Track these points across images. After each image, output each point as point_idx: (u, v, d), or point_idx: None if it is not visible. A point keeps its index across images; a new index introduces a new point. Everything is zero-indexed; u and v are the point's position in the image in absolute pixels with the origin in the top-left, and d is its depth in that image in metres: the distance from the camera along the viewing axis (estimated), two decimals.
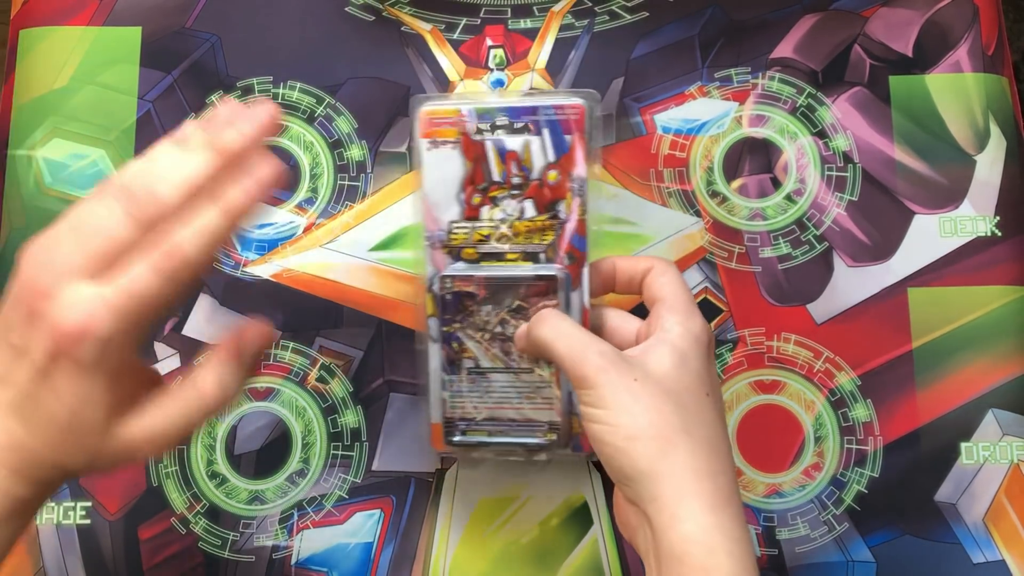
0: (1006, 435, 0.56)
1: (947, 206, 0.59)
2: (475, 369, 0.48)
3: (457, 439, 0.49)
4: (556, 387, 0.47)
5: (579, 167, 0.47)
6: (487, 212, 0.48)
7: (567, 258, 0.47)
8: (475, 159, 0.48)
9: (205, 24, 0.61)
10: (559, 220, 0.47)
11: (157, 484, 0.55)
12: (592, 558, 0.54)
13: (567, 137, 0.47)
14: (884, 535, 0.55)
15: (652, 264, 0.46)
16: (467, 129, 0.48)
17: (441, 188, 0.48)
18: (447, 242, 0.48)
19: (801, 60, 0.60)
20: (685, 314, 0.44)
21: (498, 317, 0.47)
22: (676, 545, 0.39)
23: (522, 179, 0.48)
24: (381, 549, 0.54)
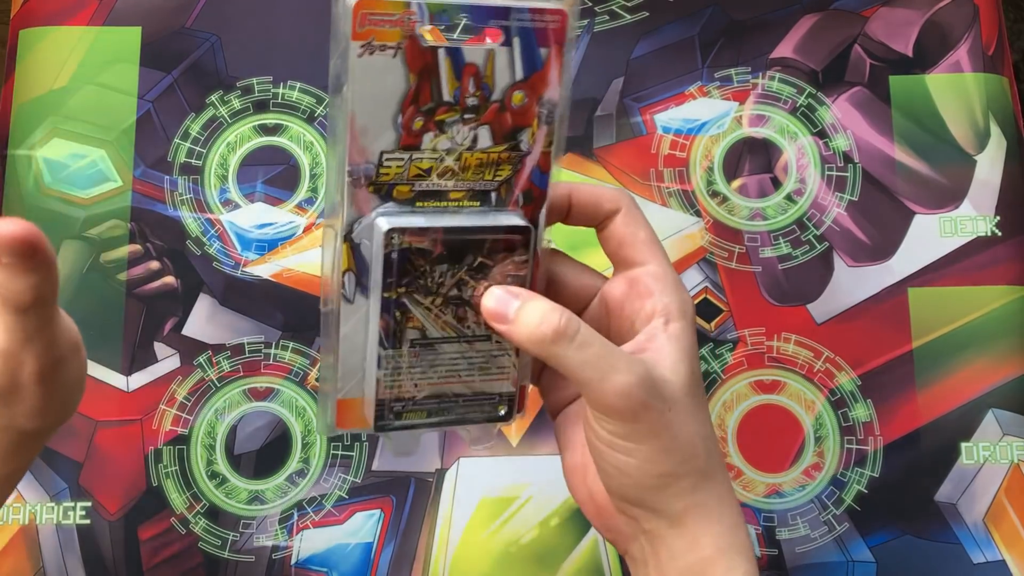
0: (1006, 435, 0.56)
1: (947, 206, 0.59)
2: (420, 341, 0.39)
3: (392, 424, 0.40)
4: (515, 355, 0.40)
5: (552, 88, 0.38)
6: (430, 140, 0.37)
7: (523, 197, 0.39)
8: (421, 72, 0.37)
9: (205, 24, 0.61)
10: (520, 152, 0.38)
11: (157, 484, 0.55)
12: (592, 558, 0.54)
13: (542, 50, 0.38)
14: (884, 535, 0.55)
15: (618, 205, 0.40)
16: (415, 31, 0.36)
17: (373, 107, 0.36)
18: (375, 178, 0.37)
19: (801, 60, 0.60)
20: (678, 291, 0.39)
21: (455, 279, 0.39)
22: (694, 567, 0.37)
23: (479, 100, 0.37)
24: (381, 549, 0.54)
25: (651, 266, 0.39)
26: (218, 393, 0.56)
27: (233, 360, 0.57)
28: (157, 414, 0.56)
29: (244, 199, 0.58)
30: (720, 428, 0.56)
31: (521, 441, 0.56)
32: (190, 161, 0.59)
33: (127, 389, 0.56)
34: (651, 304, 0.39)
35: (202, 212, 0.58)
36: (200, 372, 0.56)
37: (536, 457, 0.55)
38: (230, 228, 0.58)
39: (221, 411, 0.56)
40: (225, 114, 0.59)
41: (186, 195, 0.58)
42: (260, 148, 0.59)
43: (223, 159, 0.59)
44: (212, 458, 0.55)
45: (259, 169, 0.59)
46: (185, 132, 0.59)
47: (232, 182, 0.59)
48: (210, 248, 0.58)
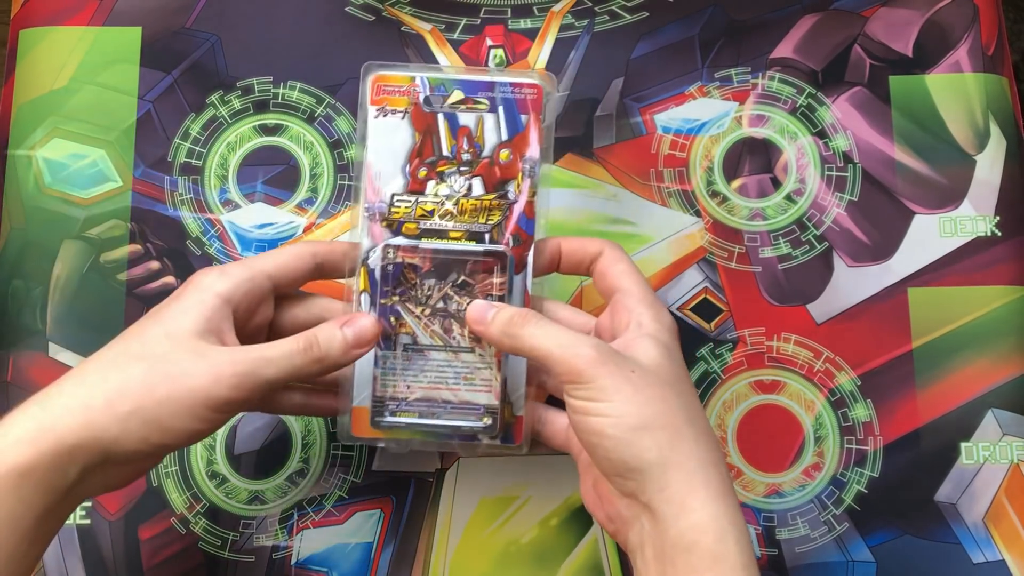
0: (1006, 435, 0.56)
1: (947, 206, 0.59)
2: (412, 346, 0.46)
3: (386, 420, 0.46)
4: (496, 369, 0.46)
5: (532, 148, 0.46)
6: (433, 187, 0.46)
7: (513, 240, 0.46)
8: (424, 131, 0.46)
9: (205, 24, 0.61)
10: (507, 200, 0.46)
11: (157, 484, 0.55)
12: (592, 558, 0.54)
13: (522, 116, 0.46)
14: (884, 535, 0.55)
15: (602, 248, 0.46)
16: (418, 99, 0.46)
17: (386, 158, 0.46)
18: (387, 215, 0.46)
19: (801, 60, 0.60)
20: (655, 307, 0.44)
21: (441, 292, 0.46)
22: (685, 534, 0.39)
23: (472, 155, 0.46)
24: (381, 549, 0.54)
25: (627, 289, 0.44)
26: None
27: None
28: None
29: (244, 199, 0.58)
30: (720, 428, 0.56)
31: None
32: (190, 161, 0.59)
33: None
34: (626, 317, 0.44)
35: (202, 212, 0.58)
36: None
37: (536, 457, 0.55)
38: (230, 228, 0.58)
39: None
40: (225, 114, 0.59)
41: (186, 195, 0.58)
42: (260, 148, 0.59)
43: (223, 159, 0.59)
44: (212, 458, 0.55)
45: (259, 169, 0.59)
46: (185, 132, 0.59)
47: (232, 182, 0.59)
48: (210, 248, 0.58)
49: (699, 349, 0.57)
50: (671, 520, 0.39)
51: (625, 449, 0.40)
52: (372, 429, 0.47)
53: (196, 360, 0.40)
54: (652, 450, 0.39)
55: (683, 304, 0.57)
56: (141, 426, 0.39)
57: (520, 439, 0.47)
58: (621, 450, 0.40)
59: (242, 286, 0.44)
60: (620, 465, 0.40)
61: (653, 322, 0.43)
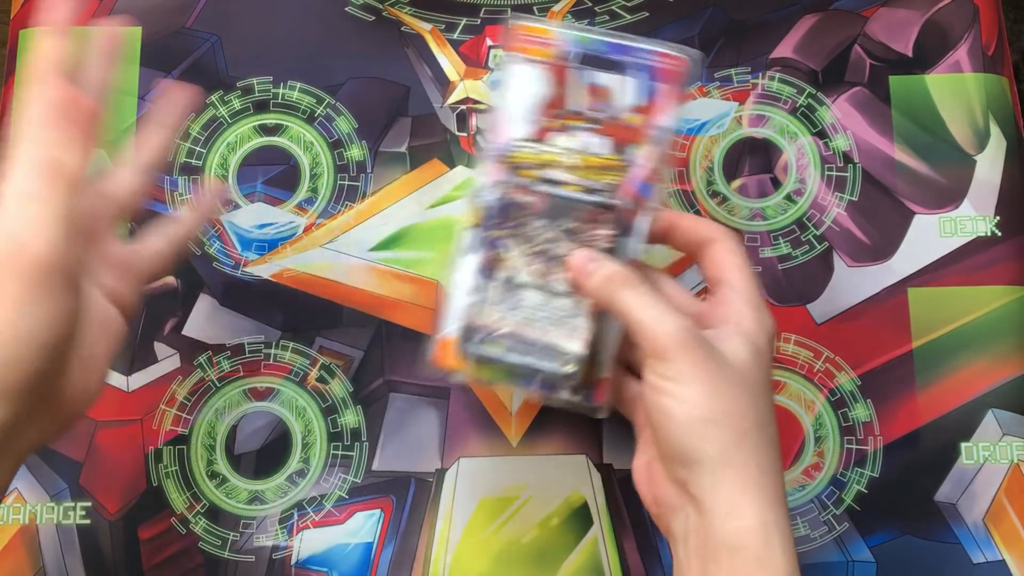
0: (1006, 435, 0.56)
1: (947, 206, 0.59)
2: (510, 281, 0.45)
3: (473, 348, 0.45)
4: (590, 319, 0.45)
5: (663, 116, 0.46)
6: (557, 139, 0.47)
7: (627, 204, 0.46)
8: (560, 83, 0.47)
9: (205, 24, 0.61)
10: (630, 163, 0.46)
11: (157, 484, 0.55)
12: (592, 558, 0.54)
13: (661, 85, 0.46)
14: (884, 535, 0.55)
15: (717, 236, 0.45)
16: (559, 52, 0.47)
17: (519, 103, 0.47)
18: (508, 157, 0.46)
19: (801, 60, 0.60)
20: (759, 307, 0.43)
21: (548, 234, 0.45)
22: (731, 536, 0.38)
23: (603, 114, 0.46)
24: (381, 549, 0.54)
25: (735, 284, 0.44)
26: (218, 393, 0.56)
27: (233, 360, 0.57)
28: (157, 414, 0.56)
29: (244, 199, 0.58)
30: None
31: (521, 441, 0.56)
32: (190, 161, 0.59)
33: (127, 389, 0.56)
34: (726, 311, 0.43)
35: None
36: (200, 372, 0.56)
37: (536, 457, 0.55)
38: (230, 228, 0.58)
39: (221, 411, 0.56)
40: (225, 114, 0.59)
41: (186, 195, 0.58)
42: (260, 148, 0.59)
43: (223, 159, 0.59)
44: (212, 458, 0.55)
45: (259, 169, 0.59)
46: (185, 132, 0.59)
47: (232, 182, 0.59)
48: (210, 248, 0.58)
49: None
50: (720, 519, 0.39)
51: (688, 438, 0.39)
52: (454, 360, 0.46)
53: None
54: (714, 445, 0.39)
55: None
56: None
57: (602, 398, 0.46)
58: (684, 437, 0.39)
59: None
60: (679, 452, 0.40)
61: (753, 323, 0.43)
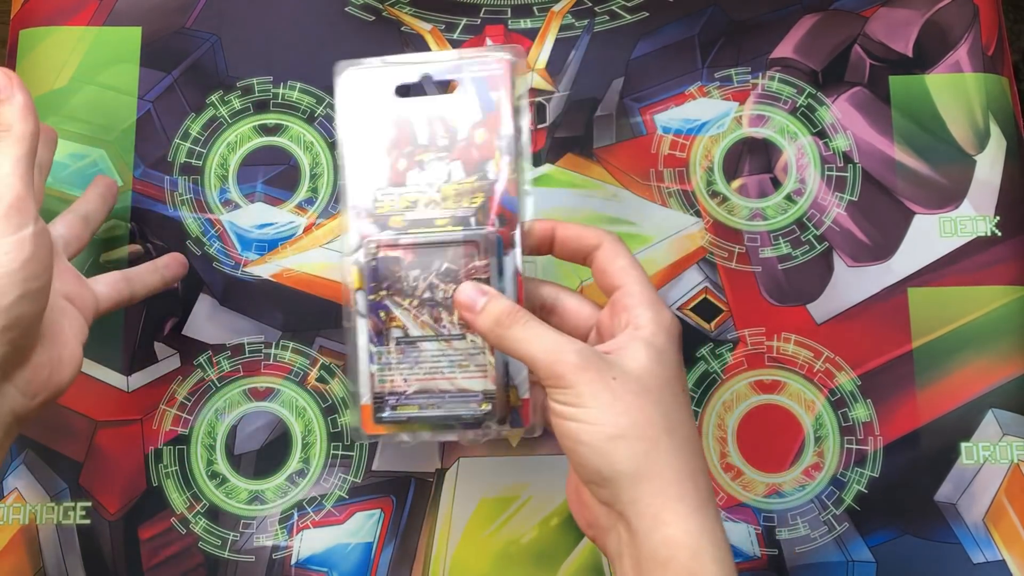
0: (1006, 435, 0.56)
1: (947, 206, 0.59)
2: (404, 339, 0.45)
3: (387, 415, 0.46)
4: (490, 353, 0.45)
5: (505, 124, 0.45)
6: (414, 177, 0.46)
7: (499, 220, 0.45)
8: (399, 122, 0.46)
9: (205, 24, 0.61)
10: (488, 181, 0.45)
11: (157, 484, 0.55)
12: (592, 558, 0.54)
13: (493, 94, 0.45)
14: (884, 535, 0.55)
15: (600, 241, 0.45)
16: (391, 92, 0.46)
17: (364, 154, 0.46)
18: (373, 211, 0.46)
19: (801, 60, 0.60)
20: (654, 307, 0.43)
21: (426, 282, 0.45)
22: (660, 549, 0.38)
23: (449, 140, 0.46)
24: (381, 549, 0.54)
25: (627, 287, 0.43)
26: (218, 393, 0.56)
27: (233, 360, 0.57)
28: (157, 414, 0.56)
29: (244, 199, 0.58)
30: (720, 428, 0.56)
31: (521, 441, 0.56)
32: (190, 161, 0.59)
33: (127, 389, 0.56)
34: (625, 317, 0.43)
35: (202, 212, 0.58)
36: (200, 372, 0.56)
37: (536, 457, 0.55)
38: (230, 228, 0.58)
39: (221, 411, 0.56)
40: (225, 114, 0.59)
41: (186, 195, 0.58)
42: (260, 148, 0.59)
43: (223, 159, 0.59)
44: (212, 458, 0.55)
45: (259, 169, 0.59)
46: (185, 132, 0.59)
47: (232, 182, 0.59)
48: (210, 248, 0.58)
49: (699, 349, 0.57)
50: (645, 533, 0.38)
51: (599, 458, 0.39)
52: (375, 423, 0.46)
53: None
54: (625, 461, 0.39)
55: (683, 304, 0.57)
56: None
57: (529, 421, 0.46)
58: (595, 458, 0.39)
59: None
60: (594, 473, 0.40)
61: (650, 324, 0.42)
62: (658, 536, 0.38)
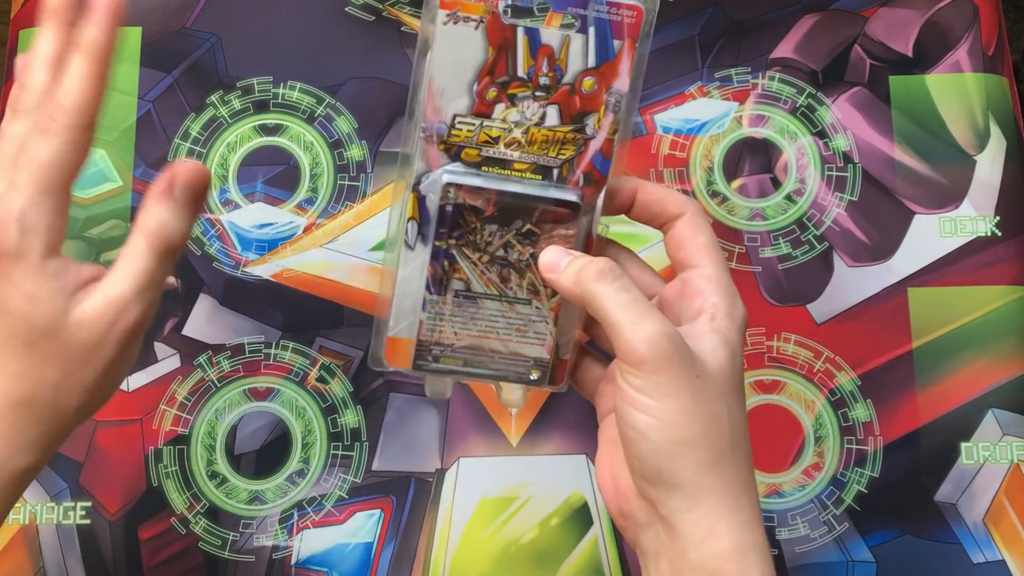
0: (1006, 435, 0.56)
1: (947, 206, 0.59)
2: (465, 292, 0.42)
3: (430, 366, 0.43)
4: (552, 324, 0.42)
5: (622, 80, 0.41)
6: (501, 111, 0.41)
7: (583, 179, 0.41)
8: (500, 46, 0.40)
9: (205, 24, 0.61)
10: (584, 135, 0.41)
11: (157, 484, 0.55)
12: (592, 558, 0.54)
13: (615, 42, 0.40)
14: (884, 535, 0.55)
15: (683, 210, 0.41)
16: (497, 8, 0.40)
17: (452, 72, 0.40)
18: (447, 137, 0.41)
19: (801, 60, 0.60)
20: (731, 297, 0.40)
21: (502, 240, 0.41)
22: (708, 560, 0.37)
23: (551, 80, 0.41)
24: (381, 549, 0.54)
25: (704, 268, 0.40)
26: (218, 393, 0.56)
27: (233, 360, 0.57)
28: (157, 414, 0.56)
29: (244, 199, 0.58)
30: None
31: (521, 441, 0.56)
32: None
33: (127, 389, 0.56)
34: (699, 303, 0.40)
35: (202, 212, 0.58)
36: (200, 372, 0.56)
37: (536, 457, 0.55)
38: (230, 228, 0.58)
39: (221, 411, 0.56)
40: (225, 114, 0.59)
41: None
42: (260, 148, 0.59)
43: (223, 159, 0.59)
44: (212, 458, 0.55)
45: (259, 169, 0.59)
46: (185, 132, 0.59)
47: (232, 182, 0.59)
48: (210, 248, 0.58)
49: None
50: (695, 543, 0.37)
51: (664, 459, 0.37)
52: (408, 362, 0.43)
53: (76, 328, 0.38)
54: (691, 468, 0.37)
55: None
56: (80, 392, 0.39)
57: (563, 380, 0.44)
58: (660, 458, 0.37)
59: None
60: (653, 472, 0.37)
61: (726, 318, 0.39)
62: (709, 548, 0.37)
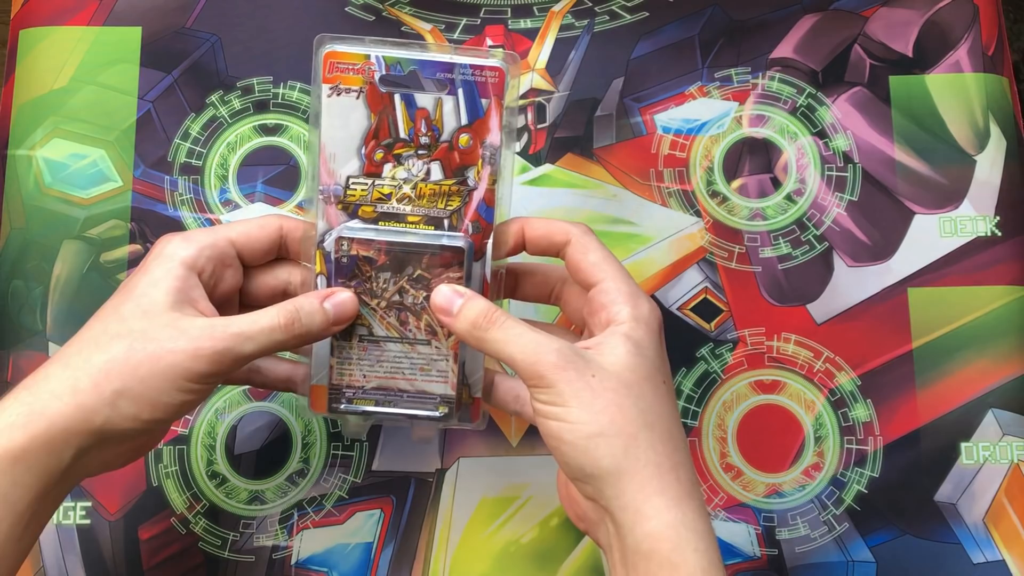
0: (1006, 435, 0.56)
1: (947, 206, 0.59)
2: (368, 337, 0.45)
3: (343, 407, 0.46)
4: (453, 361, 0.46)
5: (493, 134, 0.44)
6: (390, 170, 0.45)
7: (472, 227, 0.45)
8: (380, 112, 0.44)
9: (205, 24, 0.61)
10: (467, 187, 0.45)
11: (157, 484, 0.55)
12: (592, 558, 0.54)
13: (483, 100, 0.44)
14: (884, 535, 0.55)
15: (568, 236, 0.44)
16: (374, 79, 0.44)
17: (341, 139, 0.44)
18: (343, 197, 0.45)
19: (801, 60, 0.60)
20: (631, 300, 0.42)
21: (396, 286, 0.45)
22: (642, 542, 0.39)
23: (431, 139, 0.44)
24: (381, 549, 0.54)
25: (603, 283, 0.43)
26: (218, 393, 0.56)
27: None
28: None
29: (244, 199, 0.58)
30: (720, 428, 0.56)
31: (521, 441, 0.56)
32: (190, 161, 0.59)
33: None
34: (604, 315, 0.43)
35: (202, 212, 0.58)
36: None
37: (536, 457, 0.55)
38: None
39: (221, 411, 0.56)
40: (225, 114, 0.59)
41: (186, 195, 0.58)
42: (260, 148, 0.59)
43: (223, 159, 0.59)
44: (212, 458, 0.55)
45: (259, 169, 0.59)
46: (185, 132, 0.59)
47: (232, 182, 0.59)
48: None
49: (699, 349, 0.57)
50: (628, 527, 0.39)
51: (582, 456, 0.39)
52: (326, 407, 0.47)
53: (175, 336, 0.40)
54: (606, 458, 0.39)
55: (683, 304, 0.57)
56: (130, 404, 0.40)
57: (477, 418, 0.47)
58: (578, 456, 0.40)
59: (205, 251, 0.43)
60: (578, 471, 0.40)
61: (629, 319, 0.42)
62: (640, 530, 0.39)
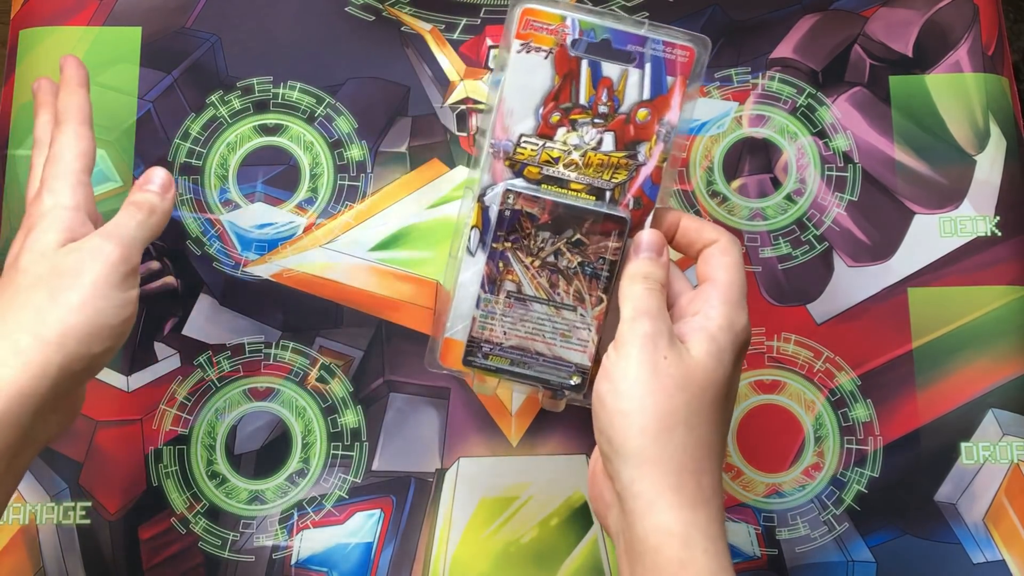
0: (1006, 435, 0.56)
1: (947, 206, 0.59)
2: (516, 294, 0.46)
3: (478, 361, 0.46)
4: (595, 331, 0.46)
5: (672, 112, 0.45)
6: (563, 134, 0.45)
7: (634, 202, 0.46)
8: (565, 75, 0.45)
9: (205, 24, 0.61)
10: (636, 162, 0.45)
11: (157, 484, 0.55)
12: (592, 558, 0.54)
13: (668, 78, 0.45)
14: (884, 535, 0.55)
15: (718, 238, 0.45)
16: (565, 41, 0.45)
17: (521, 96, 0.45)
18: (512, 154, 0.46)
19: (801, 60, 0.60)
20: (732, 305, 0.42)
21: (554, 247, 0.45)
22: (651, 534, 0.38)
23: (609, 109, 0.45)
24: (381, 549, 0.54)
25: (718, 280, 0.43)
26: (218, 393, 0.56)
27: (233, 360, 0.57)
28: (157, 414, 0.56)
29: (244, 199, 0.58)
30: None
31: (521, 441, 0.56)
32: (190, 161, 0.59)
33: (127, 389, 0.56)
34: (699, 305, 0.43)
35: (202, 212, 0.58)
36: (200, 372, 0.56)
37: (536, 457, 0.55)
38: (230, 228, 0.58)
39: (221, 411, 0.56)
40: (225, 114, 0.59)
41: (186, 195, 0.58)
42: (260, 148, 0.59)
43: (223, 159, 0.59)
44: (212, 458, 0.55)
45: (259, 169, 0.59)
46: (185, 132, 0.59)
47: (232, 182, 0.59)
48: (210, 248, 0.58)
49: None
50: (639, 515, 0.38)
51: (613, 426, 0.39)
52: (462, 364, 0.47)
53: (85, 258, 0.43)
54: (636, 438, 0.39)
55: None
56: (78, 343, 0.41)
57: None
58: (610, 426, 0.40)
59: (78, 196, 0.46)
60: (604, 440, 0.40)
61: (721, 319, 0.42)
62: (650, 522, 0.38)
